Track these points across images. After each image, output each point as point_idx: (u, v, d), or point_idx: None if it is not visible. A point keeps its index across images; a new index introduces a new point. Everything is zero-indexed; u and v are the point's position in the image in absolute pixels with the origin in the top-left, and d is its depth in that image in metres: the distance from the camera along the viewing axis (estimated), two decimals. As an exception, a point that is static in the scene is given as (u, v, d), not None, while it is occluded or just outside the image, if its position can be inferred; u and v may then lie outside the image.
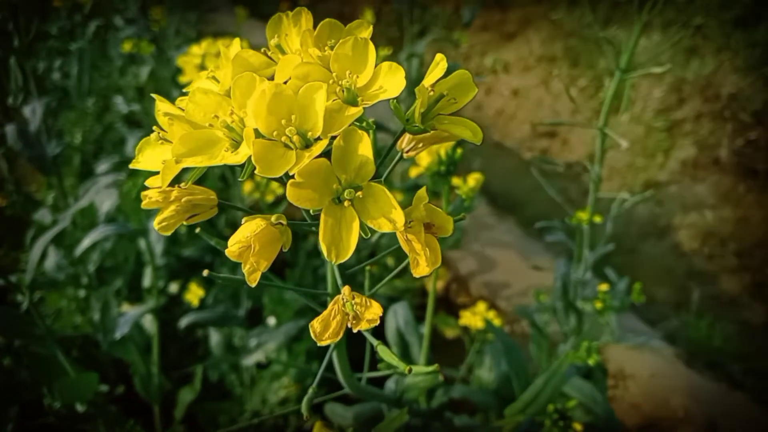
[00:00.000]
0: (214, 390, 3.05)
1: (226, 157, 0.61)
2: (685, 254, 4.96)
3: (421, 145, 0.77)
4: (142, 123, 4.56)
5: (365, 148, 0.60)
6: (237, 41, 0.73)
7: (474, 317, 2.81)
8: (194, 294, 2.66)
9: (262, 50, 0.72)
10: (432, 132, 0.68)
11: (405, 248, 0.66)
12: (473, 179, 1.61)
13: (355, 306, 0.67)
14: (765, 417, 3.40)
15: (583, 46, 6.22)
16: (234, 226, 4.14)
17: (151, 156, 0.71)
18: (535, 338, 2.90)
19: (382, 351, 0.80)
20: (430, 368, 0.85)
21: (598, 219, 2.27)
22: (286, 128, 0.60)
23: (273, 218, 0.62)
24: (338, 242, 0.60)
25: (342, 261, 0.60)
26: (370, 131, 0.63)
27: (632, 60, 1.81)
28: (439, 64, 0.67)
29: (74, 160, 3.39)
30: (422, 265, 0.64)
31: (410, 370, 0.73)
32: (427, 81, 0.66)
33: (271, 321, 3.36)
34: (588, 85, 6.22)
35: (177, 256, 3.56)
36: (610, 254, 2.57)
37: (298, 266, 3.66)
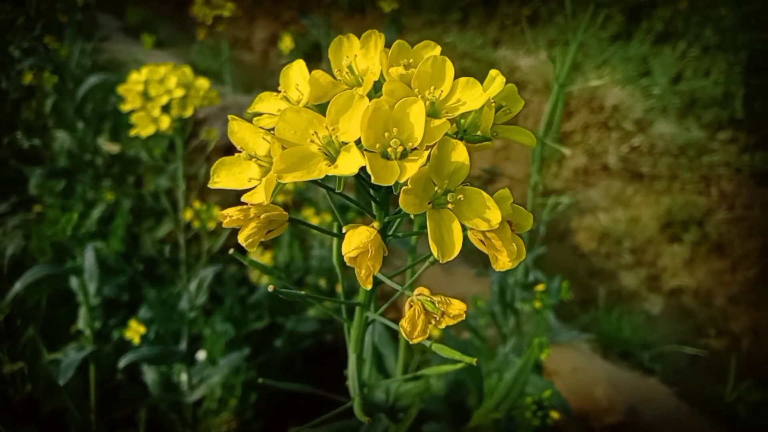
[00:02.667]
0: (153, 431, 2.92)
1: (325, 170, 0.65)
2: (585, 255, 5.31)
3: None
4: (42, 158, 4.30)
5: (458, 154, 0.66)
6: (301, 62, 0.77)
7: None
8: (134, 331, 2.54)
9: (337, 70, 0.76)
10: (491, 140, 0.75)
11: (480, 247, 0.72)
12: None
13: (438, 304, 0.72)
14: (676, 398, 3.71)
15: (476, 67, 6.54)
16: (147, 261, 3.98)
17: (229, 175, 0.73)
18: (474, 342, 3.01)
19: (440, 348, 0.85)
20: (473, 359, 0.88)
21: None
22: (390, 140, 0.64)
23: (376, 225, 0.66)
24: (441, 243, 0.65)
25: (448, 260, 0.65)
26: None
27: (569, 75, 1.98)
28: (495, 79, 0.75)
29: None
30: (502, 261, 0.70)
31: (478, 362, 0.78)
32: (489, 94, 0.73)
33: (201, 355, 3.27)
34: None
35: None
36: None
37: (228, 296, 3.59)
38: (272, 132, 0.70)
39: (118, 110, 5.26)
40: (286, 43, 3.50)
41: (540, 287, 2.62)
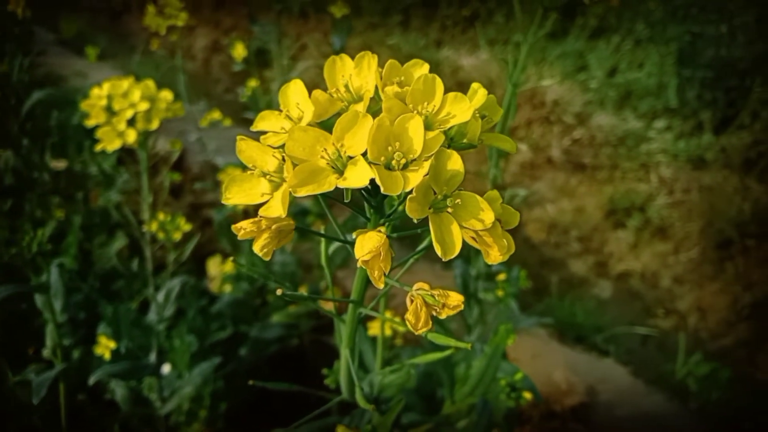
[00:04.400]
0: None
1: (335, 182, 0.72)
2: (536, 245, 5.48)
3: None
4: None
5: (453, 163, 0.74)
6: (299, 82, 0.83)
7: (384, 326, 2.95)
8: (105, 346, 2.53)
9: (334, 89, 0.82)
10: (476, 147, 0.83)
11: (472, 243, 0.80)
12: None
13: (437, 297, 0.80)
14: (631, 376, 3.90)
15: (421, 67, 6.63)
16: (103, 278, 3.92)
17: (241, 191, 0.78)
18: (440, 333, 3.10)
19: (434, 336, 0.92)
20: (468, 344, 0.97)
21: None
22: (393, 153, 0.72)
23: (383, 230, 0.73)
24: (443, 243, 0.73)
25: (450, 258, 0.73)
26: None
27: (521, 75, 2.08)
28: (477, 92, 0.83)
29: None
30: (494, 255, 0.79)
31: (472, 346, 0.86)
32: (474, 106, 0.81)
33: (166, 369, 3.25)
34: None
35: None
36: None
37: (190, 307, 3.58)
38: (279, 149, 0.77)
39: (63, 126, 5.13)
40: (239, 50, 3.51)
41: (501, 276, 2.74)
